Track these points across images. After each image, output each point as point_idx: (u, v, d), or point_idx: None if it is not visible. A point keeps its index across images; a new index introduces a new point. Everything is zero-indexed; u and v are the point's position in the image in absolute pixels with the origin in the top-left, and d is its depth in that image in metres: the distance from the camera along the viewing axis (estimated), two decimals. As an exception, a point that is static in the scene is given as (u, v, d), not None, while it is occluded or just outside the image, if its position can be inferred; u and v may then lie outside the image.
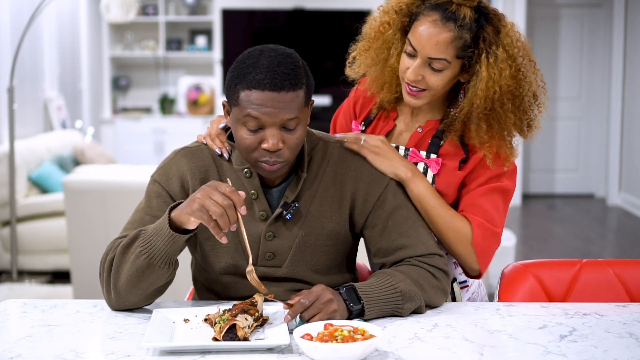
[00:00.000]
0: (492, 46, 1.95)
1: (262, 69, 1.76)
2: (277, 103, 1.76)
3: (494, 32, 1.96)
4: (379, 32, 2.07)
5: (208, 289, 2.02)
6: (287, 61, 1.79)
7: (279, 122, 1.77)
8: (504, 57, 1.95)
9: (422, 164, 2.07)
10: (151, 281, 1.79)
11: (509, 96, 1.97)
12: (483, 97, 1.95)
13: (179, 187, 1.92)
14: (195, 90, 8.96)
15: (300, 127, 1.81)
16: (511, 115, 1.98)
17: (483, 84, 1.95)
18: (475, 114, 1.98)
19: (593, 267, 2.14)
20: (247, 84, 1.77)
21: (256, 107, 1.76)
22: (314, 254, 1.94)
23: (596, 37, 8.86)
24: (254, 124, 1.78)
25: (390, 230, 1.93)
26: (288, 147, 1.80)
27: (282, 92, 1.75)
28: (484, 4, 1.99)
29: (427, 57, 1.95)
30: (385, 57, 2.07)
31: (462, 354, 1.62)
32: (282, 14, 8.86)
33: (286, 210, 1.90)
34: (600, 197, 8.97)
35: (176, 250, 1.78)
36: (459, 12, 1.93)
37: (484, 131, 1.98)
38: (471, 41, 1.94)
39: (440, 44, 1.93)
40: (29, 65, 6.53)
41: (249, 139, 1.79)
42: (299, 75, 1.79)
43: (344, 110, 2.25)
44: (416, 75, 1.97)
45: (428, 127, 2.09)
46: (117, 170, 5.13)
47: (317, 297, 1.71)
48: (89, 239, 4.55)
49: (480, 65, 1.95)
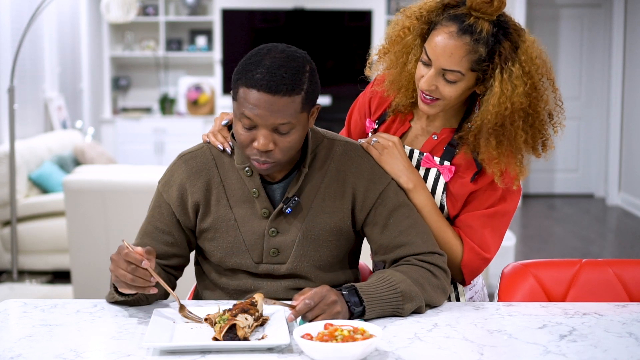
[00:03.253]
0: (508, 62, 1.92)
1: (263, 69, 1.76)
2: (271, 106, 1.76)
3: (512, 47, 1.93)
4: (399, 36, 2.06)
5: (211, 287, 2.03)
6: (290, 64, 1.78)
7: (270, 125, 1.78)
8: (519, 73, 1.92)
9: (434, 170, 2.07)
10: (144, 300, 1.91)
11: (521, 113, 1.94)
12: (494, 113, 1.93)
13: (177, 196, 1.96)
14: (196, 90, 8.95)
15: (294, 132, 1.81)
16: (522, 133, 1.95)
17: (495, 99, 1.92)
18: (485, 129, 1.95)
19: (593, 267, 2.14)
20: (246, 82, 1.78)
21: (250, 107, 1.77)
22: (317, 249, 1.94)
23: (596, 37, 8.86)
24: (248, 122, 1.80)
25: (391, 228, 1.94)
26: (280, 149, 1.81)
27: (276, 95, 1.75)
28: (505, 17, 1.95)
29: (440, 67, 1.93)
30: (404, 62, 2.06)
31: (462, 353, 1.63)
32: (282, 14, 8.86)
33: (286, 204, 1.91)
34: (600, 197, 8.97)
35: (137, 301, 1.90)
36: (476, 26, 1.90)
37: (493, 147, 1.96)
38: (486, 55, 1.91)
39: (454, 56, 1.91)
40: (29, 65, 6.53)
41: (243, 135, 1.82)
42: (298, 81, 1.78)
43: (359, 105, 2.25)
44: (429, 85, 1.96)
45: (443, 134, 2.09)
46: (117, 170, 5.13)
47: (321, 298, 1.72)
48: (89, 239, 4.55)
49: (494, 80, 1.92)
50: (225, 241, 1.94)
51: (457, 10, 1.94)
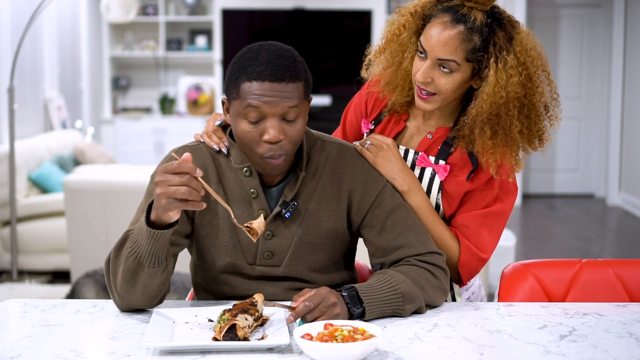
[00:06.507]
0: (502, 51, 1.93)
1: (263, 62, 1.78)
2: (278, 93, 1.77)
3: (506, 38, 1.94)
4: (394, 35, 2.07)
5: (207, 289, 2.02)
6: (286, 55, 1.81)
7: (279, 111, 1.78)
8: (514, 63, 1.93)
9: (430, 169, 2.07)
10: (144, 281, 1.79)
11: (516, 103, 1.94)
12: (489, 102, 1.93)
13: None
14: (195, 90, 8.95)
15: (300, 120, 1.82)
16: (517, 124, 1.96)
17: (490, 88, 1.93)
18: (480, 119, 1.96)
19: (593, 267, 2.14)
20: (247, 76, 1.78)
21: (256, 97, 1.77)
22: (313, 252, 1.94)
23: (596, 37, 8.86)
24: (255, 114, 1.79)
25: (388, 230, 1.94)
26: (289, 139, 1.81)
27: (282, 82, 1.77)
28: (498, 9, 1.97)
29: (436, 58, 1.94)
30: (400, 60, 2.07)
31: (462, 354, 1.63)
32: (282, 14, 8.86)
33: (285, 209, 1.90)
34: (600, 197, 8.97)
35: (161, 247, 1.77)
36: (469, 15, 1.93)
37: (488, 137, 1.96)
38: (481, 44, 1.93)
39: (449, 45, 1.92)
40: (29, 65, 6.53)
41: (250, 132, 1.80)
42: (298, 69, 1.81)
43: (355, 105, 2.25)
44: (425, 77, 1.96)
45: (438, 134, 2.09)
46: (117, 170, 5.13)
47: (321, 300, 1.71)
48: (89, 239, 4.55)
49: (489, 70, 1.93)
50: (221, 239, 1.92)
51: (450, 3, 1.96)
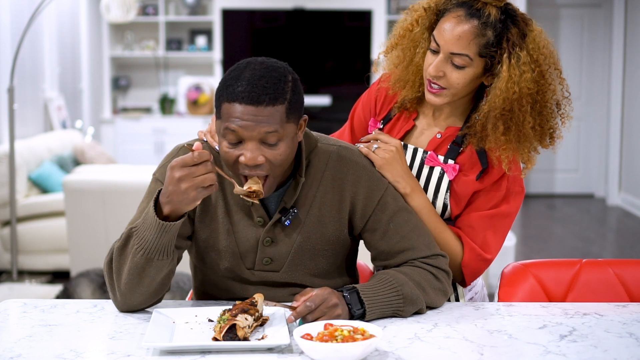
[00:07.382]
0: (516, 47, 1.93)
1: (244, 82, 1.74)
2: (255, 117, 1.72)
3: (519, 34, 1.94)
4: (407, 30, 2.07)
5: (208, 294, 2.01)
6: (270, 75, 1.75)
7: (256, 135, 1.73)
8: (527, 60, 1.93)
9: (438, 169, 2.06)
10: (152, 276, 1.78)
11: (529, 99, 1.94)
12: (502, 98, 1.93)
13: None
14: (195, 90, 8.95)
15: (282, 144, 1.76)
16: (530, 119, 1.95)
17: (503, 83, 1.93)
18: (493, 115, 1.95)
19: (593, 267, 2.14)
20: (227, 97, 1.75)
21: (234, 120, 1.73)
22: (313, 258, 1.92)
23: (596, 37, 8.86)
24: (233, 137, 1.75)
25: (391, 233, 1.92)
26: (270, 162, 1.76)
27: (260, 106, 1.72)
28: (512, 6, 1.98)
29: (449, 52, 1.94)
30: (411, 56, 2.07)
31: (462, 354, 1.62)
32: (282, 14, 8.85)
33: (285, 216, 1.88)
34: (600, 197, 8.97)
35: (170, 239, 1.76)
36: (484, 10, 1.93)
37: (501, 132, 1.96)
38: (494, 40, 1.93)
39: (462, 39, 1.92)
40: (29, 65, 6.53)
41: (229, 152, 1.77)
42: (280, 90, 1.74)
43: (363, 103, 2.23)
44: (437, 71, 1.96)
45: (447, 133, 2.08)
46: (117, 170, 5.14)
47: (323, 301, 1.71)
48: (89, 239, 4.55)
49: (502, 65, 1.94)
50: (220, 244, 1.91)
51: None
